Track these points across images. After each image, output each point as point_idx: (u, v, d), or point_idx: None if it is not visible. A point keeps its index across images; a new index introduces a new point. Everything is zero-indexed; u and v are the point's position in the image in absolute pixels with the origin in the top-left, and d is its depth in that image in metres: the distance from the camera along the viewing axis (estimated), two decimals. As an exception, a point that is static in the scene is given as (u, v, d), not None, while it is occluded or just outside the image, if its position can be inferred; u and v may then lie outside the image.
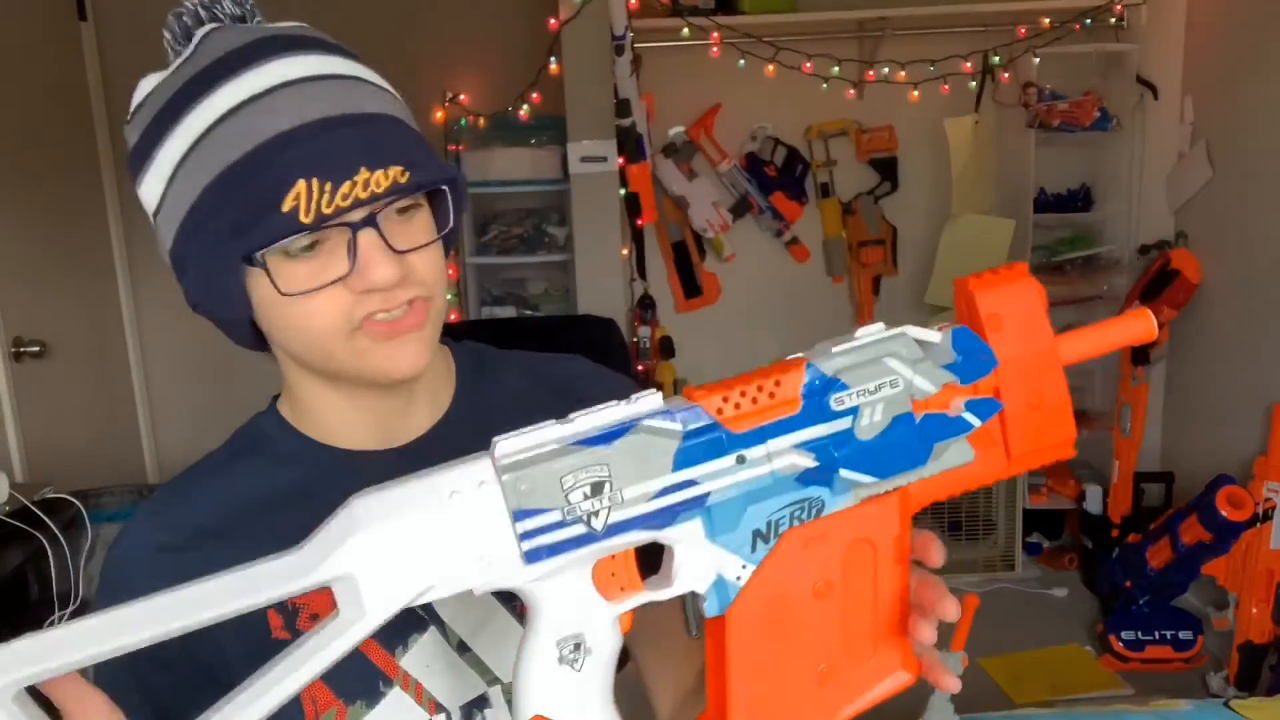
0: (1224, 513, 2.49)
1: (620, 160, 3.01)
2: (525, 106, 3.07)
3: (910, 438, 0.50)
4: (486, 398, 0.84)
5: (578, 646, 0.49)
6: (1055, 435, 0.53)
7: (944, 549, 0.55)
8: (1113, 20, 3.15)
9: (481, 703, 0.78)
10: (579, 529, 0.47)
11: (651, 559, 0.52)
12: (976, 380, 0.52)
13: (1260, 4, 2.81)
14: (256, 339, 0.75)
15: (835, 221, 3.56)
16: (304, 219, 0.64)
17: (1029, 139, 3.15)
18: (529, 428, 0.48)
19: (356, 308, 0.68)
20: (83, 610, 2.22)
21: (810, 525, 0.50)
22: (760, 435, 0.49)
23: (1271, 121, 2.74)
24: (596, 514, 0.47)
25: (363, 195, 0.64)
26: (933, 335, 0.52)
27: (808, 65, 3.12)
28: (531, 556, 0.47)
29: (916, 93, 3.21)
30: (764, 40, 3.12)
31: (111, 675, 0.74)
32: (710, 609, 0.50)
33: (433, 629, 0.76)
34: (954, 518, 3.33)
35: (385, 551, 0.46)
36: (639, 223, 3.15)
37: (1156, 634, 2.77)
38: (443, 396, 0.82)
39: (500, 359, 0.88)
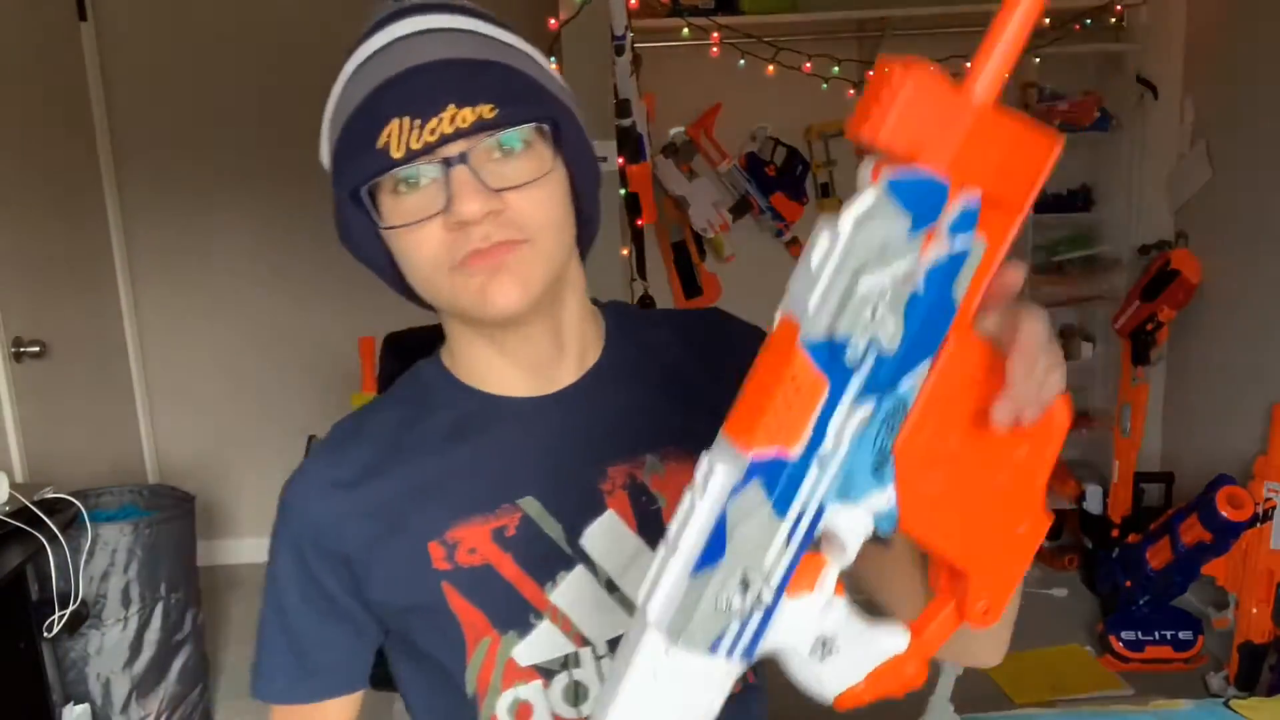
0: (1224, 513, 2.49)
1: (620, 160, 3.00)
2: (525, 106, 3.07)
3: (928, 306, 0.47)
4: (632, 351, 0.88)
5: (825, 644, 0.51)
6: (1039, 152, 0.48)
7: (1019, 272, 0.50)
8: (1113, 20, 3.15)
9: None
10: (757, 617, 0.49)
11: None
12: (943, 209, 0.45)
13: (1260, 4, 2.81)
14: (405, 285, 0.78)
15: (835, 221, 3.55)
16: (395, 154, 0.68)
17: (1029, 139, 3.15)
18: (649, 573, 0.49)
19: (455, 246, 0.71)
20: (83, 610, 2.21)
21: (904, 426, 0.49)
22: (818, 436, 0.47)
23: (1271, 121, 2.74)
24: (759, 597, 0.49)
25: (448, 130, 0.68)
26: (866, 199, 0.44)
27: (808, 65, 3.12)
28: (746, 656, 0.50)
29: (916, 93, 3.21)
30: (764, 40, 3.13)
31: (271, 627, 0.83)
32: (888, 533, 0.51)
33: (581, 566, 0.79)
34: (954, 518, 3.33)
35: None
36: (639, 223, 3.15)
37: (1156, 634, 2.77)
38: (591, 353, 0.86)
39: (644, 316, 0.95)
